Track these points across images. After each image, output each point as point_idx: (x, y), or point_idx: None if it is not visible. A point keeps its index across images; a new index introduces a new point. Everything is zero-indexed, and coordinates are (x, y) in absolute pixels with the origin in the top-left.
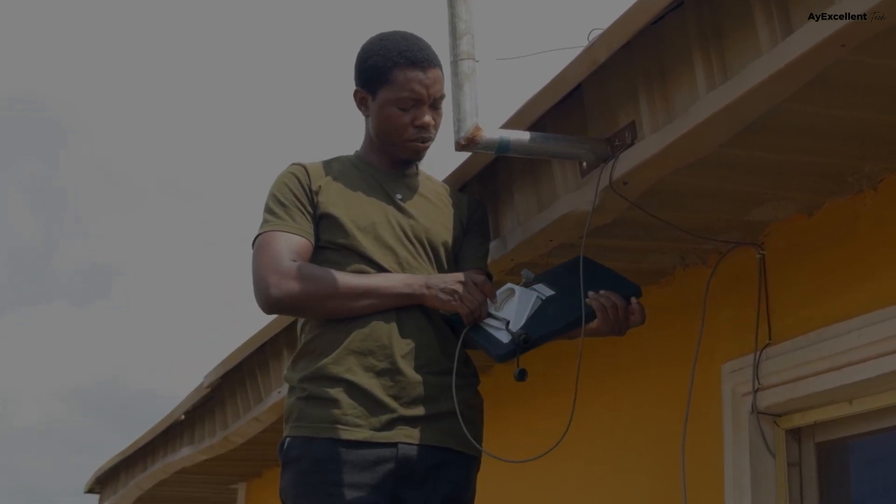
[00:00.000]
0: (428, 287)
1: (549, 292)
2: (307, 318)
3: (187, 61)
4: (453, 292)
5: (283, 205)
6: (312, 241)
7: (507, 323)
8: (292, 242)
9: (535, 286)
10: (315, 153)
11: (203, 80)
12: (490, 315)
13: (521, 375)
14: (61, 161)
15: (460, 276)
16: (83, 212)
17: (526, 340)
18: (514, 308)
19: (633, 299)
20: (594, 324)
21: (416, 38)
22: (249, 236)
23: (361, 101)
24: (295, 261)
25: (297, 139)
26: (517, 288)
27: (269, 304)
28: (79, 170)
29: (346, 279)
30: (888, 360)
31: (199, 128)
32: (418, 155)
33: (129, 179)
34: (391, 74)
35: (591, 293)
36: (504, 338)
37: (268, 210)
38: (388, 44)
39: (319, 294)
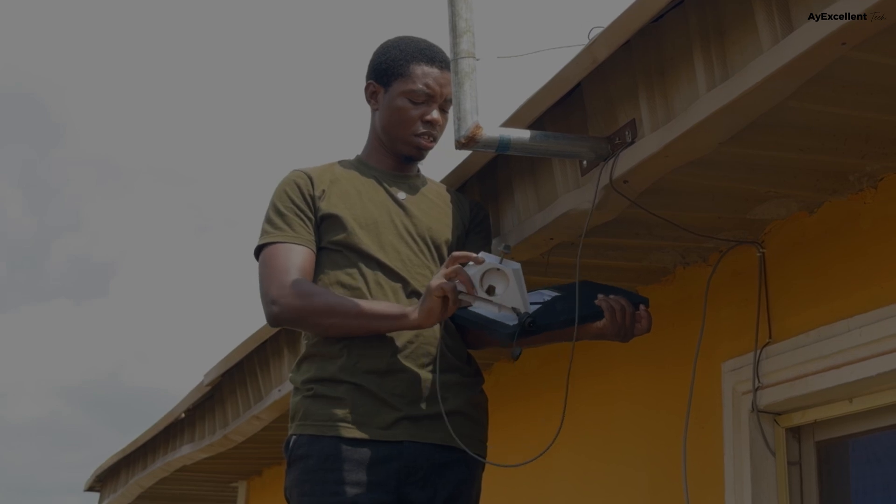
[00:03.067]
0: (417, 310)
1: (555, 294)
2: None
3: (187, 61)
4: (434, 288)
5: (282, 214)
6: (314, 248)
7: (514, 309)
8: (295, 254)
9: (540, 290)
10: (310, 146)
11: (202, 80)
12: (482, 299)
13: (518, 355)
14: (55, 154)
15: (429, 284)
16: (80, 206)
17: (532, 324)
18: (515, 292)
19: (642, 306)
20: (601, 323)
21: (434, 44)
22: (249, 236)
23: (372, 95)
24: (299, 275)
25: (298, 139)
26: (505, 266)
27: (272, 318)
28: (74, 164)
29: (347, 303)
30: (888, 359)
31: (197, 126)
32: (420, 153)
33: (128, 177)
34: (408, 67)
35: (600, 295)
36: (510, 320)
37: (268, 220)
38: (408, 42)
39: (320, 312)
